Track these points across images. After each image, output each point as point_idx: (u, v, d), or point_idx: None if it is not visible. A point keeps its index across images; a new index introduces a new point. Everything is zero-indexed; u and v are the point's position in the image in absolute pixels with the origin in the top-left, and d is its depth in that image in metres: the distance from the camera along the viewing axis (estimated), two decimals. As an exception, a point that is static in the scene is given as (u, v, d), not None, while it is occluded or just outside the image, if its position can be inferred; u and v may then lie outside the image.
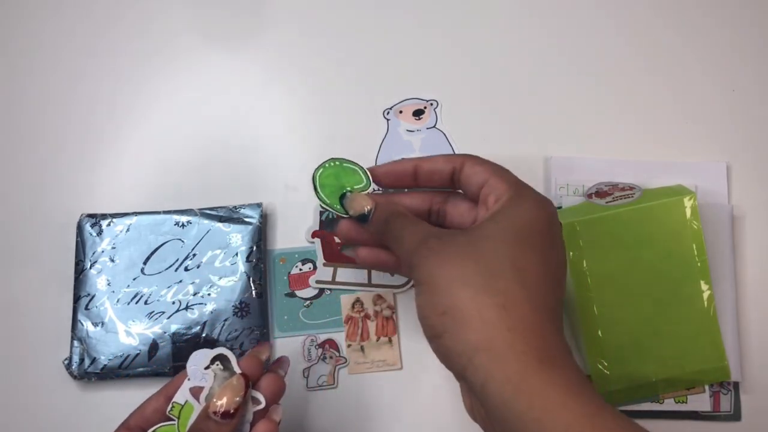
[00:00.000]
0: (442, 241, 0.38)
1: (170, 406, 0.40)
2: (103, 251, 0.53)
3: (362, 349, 0.53)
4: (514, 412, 0.33)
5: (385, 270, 0.52)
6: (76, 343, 0.51)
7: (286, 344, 0.53)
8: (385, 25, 0.58)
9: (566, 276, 0.40)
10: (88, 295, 0.52)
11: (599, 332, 0.50)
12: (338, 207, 0.45)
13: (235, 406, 0.39)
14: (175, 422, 0.40)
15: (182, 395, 0.41)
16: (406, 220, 0.41)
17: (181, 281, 0.52)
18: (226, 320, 0.52)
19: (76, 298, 0.52)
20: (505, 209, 0.39)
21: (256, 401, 0.41)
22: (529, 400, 0.33)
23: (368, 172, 0.46)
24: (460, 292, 0.35)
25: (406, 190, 0.47)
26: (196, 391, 0.41)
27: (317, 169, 0.47)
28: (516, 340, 0.34)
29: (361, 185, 0.46)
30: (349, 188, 0.46)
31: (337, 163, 0.48)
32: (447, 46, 0.58)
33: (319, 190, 0.47)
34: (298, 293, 0.54)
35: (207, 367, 0.43)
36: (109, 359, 0.51)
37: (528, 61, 0.58)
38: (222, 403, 0.39)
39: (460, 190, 0.44)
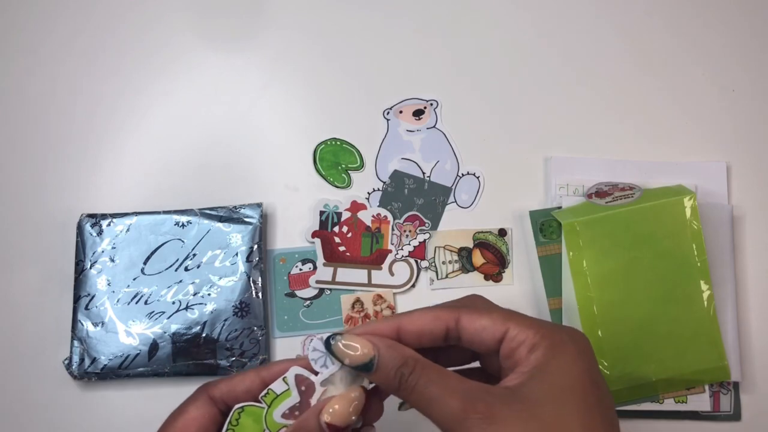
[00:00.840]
0: (494, 408, 0.33)
1: (266, 391, 0.36)
2: (103, 251, 0.53)
3: (362, 349, 0.53)
4: None
5: None
6: (76, 343, 0.51)
7: (286, 344, 0.53)
8: (385, 25, 0.58)
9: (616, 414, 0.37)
10: (88, 295, 0.52)
11: (599, 332, 0.50)
12: (332, 179, 0.47)
13: (345, 422, 0.35)
14: (265, 408, 0.36)
15: (280, 385, 0.36)
16: (429, 373, 0.34)
17: (181, 281, 0.52)
18: (226, 320, 0.52)
19: (76, 298, 0.52)
20: (548, 363, 0.34)
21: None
22: None
23: (363, 157, 0.50)
24: None
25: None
26: (300, 380, 0.36)
27: (319, 144, 0.53)
28: None
29: (355, 165, 0.52)
30: (343, 164, 0.49)
31: (338, 142, 0.54)
32: (447, 47, 0.58)
33: (317, 162, 0.51)
34: (298, 293, 0.54)
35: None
36: (109, 359, 0.51)
37: (528, 62, 0.58)
38: (334, 410, 0.35)
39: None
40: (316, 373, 0.36)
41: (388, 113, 0.57)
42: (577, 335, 0.36)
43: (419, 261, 0.54)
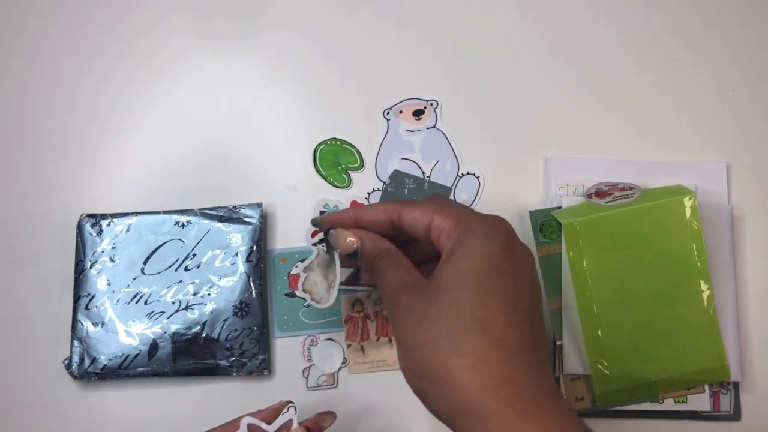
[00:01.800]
0: (410, 297, 0.38)
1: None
2: (103, 251, 0.53)
3: (362, 349, 0.53)
4: None
5: None
6: (76, 343, 0.51)
7: (286, 344, 0.53)
8: (385, 25, 0.58)
9: (542, 302, 0.39)
10: (88, 295, 0.52)
11: (599, 332, 0.50)
12: (332, 179, 0.50)
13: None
14: None
15: None
16: (390, 260, 0.41)
17: (181, 281, 0.52)
18: (226, 320, 0.52)
19: (76, 298, 0.52)
20: (455, 251, 0.38)
21: None
22: None
23: (363, 157, 0.52)
24: (433, 356, 0.35)
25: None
26: (252, 429, 0.43)
27: (319, 144, 0.53)
28: (490, 400, 0.34)
29: (355, 165, 0.53)
30: (343, 164, 0.51)
31: (338, 142, 0.55)
32: (447, 46, 0.58)
33: (317, 162, 0.52)
34: (298, 293, 0.54)
35: (314, 244, 0.52)
36: (109, 359, 0.51)
37: (528, 61, 0.58)
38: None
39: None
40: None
41: (388, 113, 0.57)
42: (493, 221, 0.39)
43: (419, 261, 0.54)
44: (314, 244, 0.53)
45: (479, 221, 0.39)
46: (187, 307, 0.52)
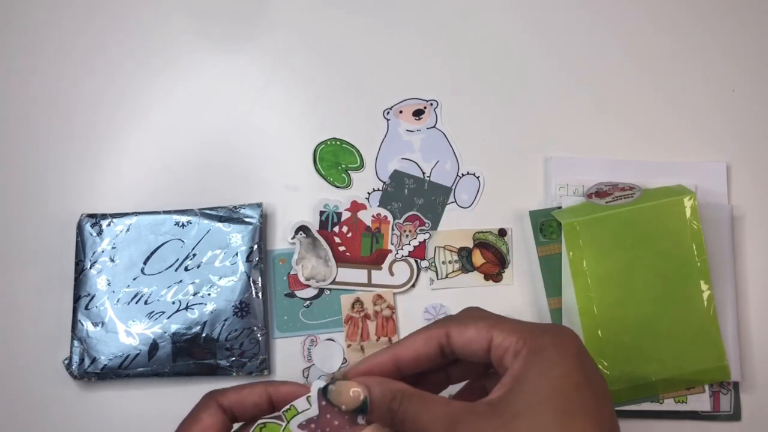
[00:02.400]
0: (474, 425, 0.33)
1: (288, 407, 0.37)
2: (103, 251, 0.53)
3: (362, 349, 0.53)
4: None
5: None
6: (76, 343, 0.51)
7: (286, 344, 0.53)
8: (385, 25, 0.58)
9: (613, 408, 0.35)
10: (88, 295, 0.52)
11: (599, 332, 0.50)
12: (332, 179, 0.49)
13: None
14: (283, 424, 0.38)
15: (303, 404, 0.37)
16: (415, 403, 0.35)
17: (181, 281, 0.52)
18: (226, 320, 0.52)
19: (76, 298, 0.52)
20: (528, 371, 0.34)
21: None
22: None
23: (363, 157, 0.51)
24: None
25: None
26: (321, 396, 0.37)
27: (319, 144, 0.53)
28: None
29: (355, 165, 0.53)
30: (343, 164, 0.50)
31: (338, 142, 0.55)
32: (447, 46, 0.58)
33: (317, 162, 0.53)
34: (298, 293, 0.54)
35: (292, 238, 0.53)
36: (109, 359, 0.51)
37: (528, 61, 0.58)
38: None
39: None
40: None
41: (388, 113, 0.57)
42: (562, 335, 0.35)
43: (419, 261, 0.54)
44: (291, 242, 0.53)
45: (547, 335, 0.35)
46: (187, 307, 0.52)
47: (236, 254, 0.53)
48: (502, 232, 0.55)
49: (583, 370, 0.34)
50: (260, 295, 0.52)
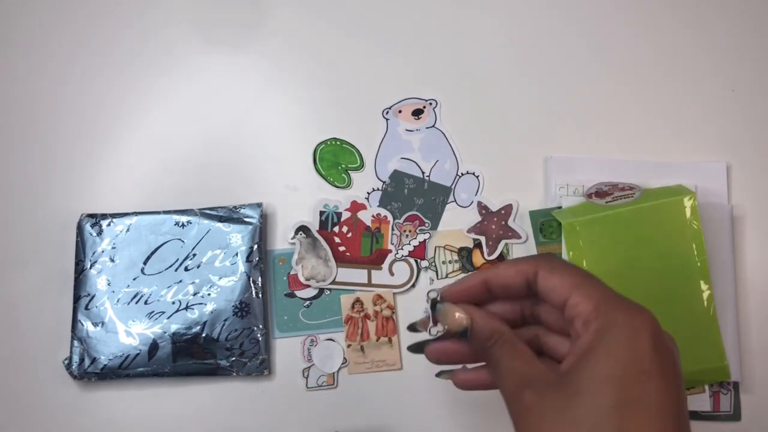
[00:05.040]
0: (538, 395, 0.33)
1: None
2: (103, 251, 0.53)
3: (362, 349, 0.53)
4: None
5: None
6: (76, 343, 0.51)
7: (286, 344, 0.53)
8: (385, 25, 0.58)
9: (686, 399, 0.34)
10: (88, 295, 0.52)
11: (599, 332, 0.50)
12: (332, 179, 0.50)
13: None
14: None
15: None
16: (506, 350, 0.36)
17: (181, 281, 0.52)
18: (226, 320, 0.52)
19: (76, 298, 0.52)
20: (596, 346, 0.33)
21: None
22: None
23: (363, 157, 0.52)
24: None
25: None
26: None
27: (319, 144, 0.54)
28: None
29: (355, 165, 0.53)
30: (343, 164, 0.51)
31: (338, 142, 0.55)
32: (446, 46, 0.58)
33: (317, 162, 0.53)
34: (298, 293, 0.54)
35: (292, 238, 0.53)
36: (109, 359, 0.51)
37: (528, 61, 0.58)
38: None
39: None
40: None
41: (387, 113, 0.57)
42: (640, 313, 0.34)
43: (419, 261, 0.54)
44: (291, 242, 0.54)
45: (624, 311, 0.34)
46: (187, 307, 0.52)
47: (236, 254, 0.53)
48: (502, 232, 0.55)
49: (655, 356, 0.32)
50: (260, 295, 0.52)
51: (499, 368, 0.36)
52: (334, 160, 0.56)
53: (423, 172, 0.56)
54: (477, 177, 0.56)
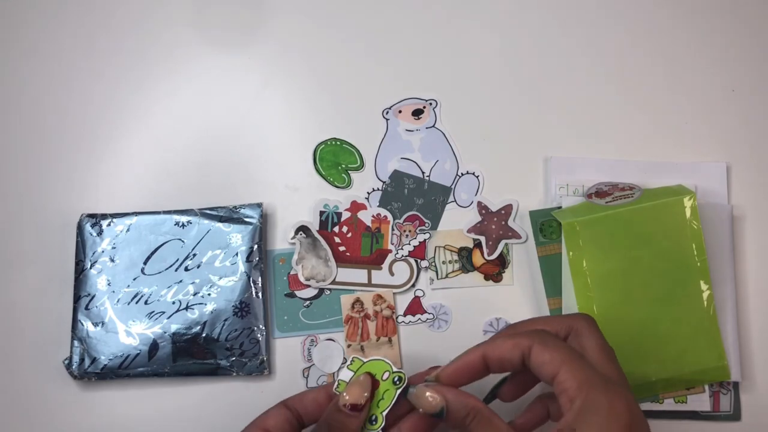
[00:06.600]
0: None
1: (336, 383, 0.44)
2: (103, 251, 0.53)
3: (362, 349, 0.53)
4: None
5: None
6: (76, 343, 0.51)
7: (286, 344, 0.53)
8: (385, 24, 0.58)
9: None
10: (88, 295, 0.52)
11: (599, 332, 0.50)
12: (332, 179, 0.50)
13: (363, 401, 0.41)
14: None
15: (345, 375, 0.44)
16: (484, 426, 0.39)
17: (181, 281, 0.52)
18: (226, 320, 0.52)
19: (76, 298, 0.52)
20: (576, 427, 0.36)
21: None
22: None
23: (363, 156, 0.52)
24: None
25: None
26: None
27: (319, 144, 0.54)
28: None
29: (355, 165, 0.53)
30: (343, 164, 0.51)
31: (338, 142, 0.55)
32: (446, 46, 0.58)
33: (317, 161, 0.53)
34: (298, 293, 0.54)
35: (292, 238, 0.53)
36: (109, 359, 0.51)
37: (528, 61, 0.58)
38: (350, 395, 0.41)
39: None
40: None
41: (387, 113, 0.57)
42: (618, 398, 0.36)
43: (419, 261, 0.54)
44: (291, 242, 0.54)
45: (604, 393, 0.37)
46: (187, 307, 0.52)
47: (236, 254, 0.53)
48: (502, 232, 0.55)
49: None
50: (260, 295, 0.52)
51: None
52: (334, 160, 0.56)
53: (423, 172, 0.56)
54: (477, 177, 0.56)
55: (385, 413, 0.41)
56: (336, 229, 0.54)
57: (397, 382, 0.42)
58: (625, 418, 0.36)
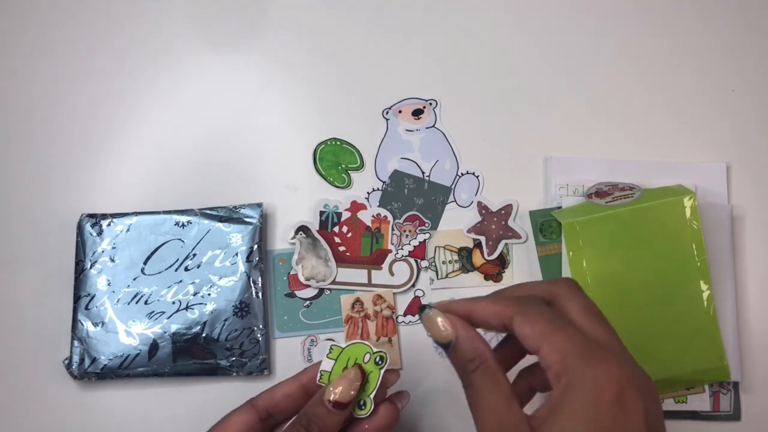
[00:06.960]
0: None
1: (319, 374, 0.42)
2: (103, 251, 0.53)
3: (362, 349, 0.53)
4: None
5: None
6: (76, 343, 0.51)
7: (286, 344, 0.53)
8: (385, 25, 0.58)
9: None
10: (88, 295, 0.52)
11: (599, 332, 0.50)
12: (332, 179, 0.50)
13: (349, 399, 0.39)
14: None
15: (327, 365, 0.42)
16: (486, 380, 0.36)
17: (181, 281, 0.52)
18: (226, 320, 0.52)
19: (76, 298, 0.52)
20: (561, 405, 0.33)
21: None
22: None
23: (363, 156, 0.53)
24: None
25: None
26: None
27: (319, 144, 0.54)
28: None
29: (355, 165, 0.54)
30: (343, 164, 0.52)
31: (338, 142, 0.55)
32: (446, 46, 0.58)
33: (317, 161, 0.53)
34: (298, 293, 0.54)
35: (292, 238, 0.53)
36: (109, 359, 0.51)
37: (528, 61, 0.58)
38: (337, 392, 0.39)
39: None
40: None
41: (387, 113, 0.57)
42: (605, 368, 0.34)
43: (419, 261, 0.54)
44: (291, 242, 0.54)
45: (591, 366, 0.33)
46: (187, 307, 0.52)
47: (236, 254, 0.53)
48: (502, 232, 0.55)
49: (618, 415, 0.33)
50: (260, 295, 0.52)
51: (477, 400, 0.36)
52: (334, 160, 0.56)
53: (423, 172, 0.56)
54: (477, 177, 0.56)
55: (372, 396, 0.40)
56: (336, 229, 0.54)
57: (380, 362, 0.41)
58: (611, 390, 0.33)
